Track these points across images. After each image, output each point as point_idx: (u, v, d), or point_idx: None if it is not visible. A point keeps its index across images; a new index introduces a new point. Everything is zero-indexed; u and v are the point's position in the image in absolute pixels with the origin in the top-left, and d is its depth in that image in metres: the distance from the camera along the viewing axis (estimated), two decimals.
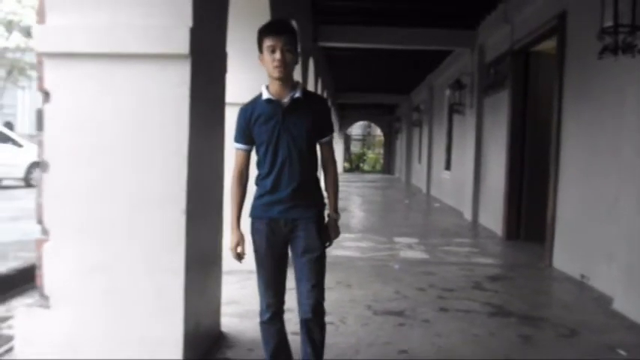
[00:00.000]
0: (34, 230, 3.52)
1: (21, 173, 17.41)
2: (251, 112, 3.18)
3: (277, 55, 3.05)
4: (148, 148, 3.45)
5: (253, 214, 3.24)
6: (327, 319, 3.28)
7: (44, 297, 3.46)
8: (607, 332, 4.71)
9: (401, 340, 4.35)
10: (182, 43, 3.35)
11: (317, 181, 3.33)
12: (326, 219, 3.33)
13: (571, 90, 7.10)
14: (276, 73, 3.09)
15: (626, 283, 5.25)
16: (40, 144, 3.46)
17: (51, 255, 3.45)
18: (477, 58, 11.94)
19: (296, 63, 3.18)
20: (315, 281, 3.21)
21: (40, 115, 3.48)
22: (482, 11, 10.82)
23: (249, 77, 4.81)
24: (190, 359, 3.54)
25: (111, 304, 3.46)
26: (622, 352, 4.22)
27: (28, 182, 17.17)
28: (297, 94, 3.17)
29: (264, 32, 3.12)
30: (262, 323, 3.27)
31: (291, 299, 3.31)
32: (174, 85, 3.40)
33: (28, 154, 17.00)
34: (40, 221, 3.47)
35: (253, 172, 3.27)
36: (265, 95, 3.16)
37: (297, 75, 2.96)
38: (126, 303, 3.46)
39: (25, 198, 12.88)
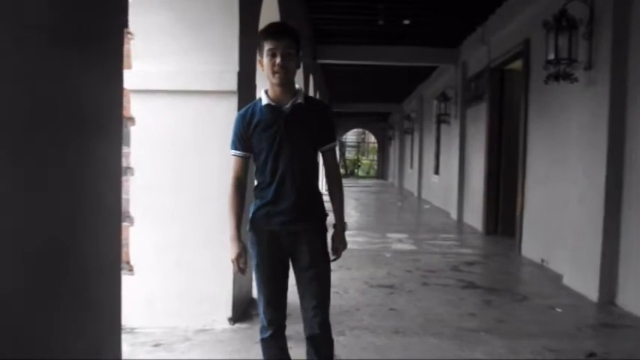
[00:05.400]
0: None
1: None
2: (250, 119, 2.99)
3: (277, 59, 2.86)
4: (207, 156, 4.70)
5: (252, 227, 3.04)
6: (332, 290, 3.16)
7: (130, 267, 4.74)
8: (551, 298, 5.97)
9: (391, 303, 5.62)
10: (232, 83, 4.65)
11: (318, 191, 3.14)
12: (330, 230, 3.13)
13: (534, 106, 8.30)
14: (275, 79, 2.90)
15: (571, 262, 6.51)
16: (127, 155, 4.73)
17: (135, 236, 4.73)
18: (460, 74, 13.02)
19: (297, 68, 3.00)
20: (321, 297, 3.02)
21: (125, 135, 4.75)
22: (464, 32, 12.00)
23: None
24: (236, 314, 4.81)
25: (179, 272, 4.73)
26: (558, 310, 5.50)
27: None
28: (300, 100, 2.97)
29: (263, 35, 2.93)
30: (263, 340, 3.09)
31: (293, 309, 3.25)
32: (225, 113, 4.63)
33: None
34: (126, 211, 4.75)
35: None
36: (265, 101, 2.97)
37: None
38: (191, 271, 4.73)
39: None
